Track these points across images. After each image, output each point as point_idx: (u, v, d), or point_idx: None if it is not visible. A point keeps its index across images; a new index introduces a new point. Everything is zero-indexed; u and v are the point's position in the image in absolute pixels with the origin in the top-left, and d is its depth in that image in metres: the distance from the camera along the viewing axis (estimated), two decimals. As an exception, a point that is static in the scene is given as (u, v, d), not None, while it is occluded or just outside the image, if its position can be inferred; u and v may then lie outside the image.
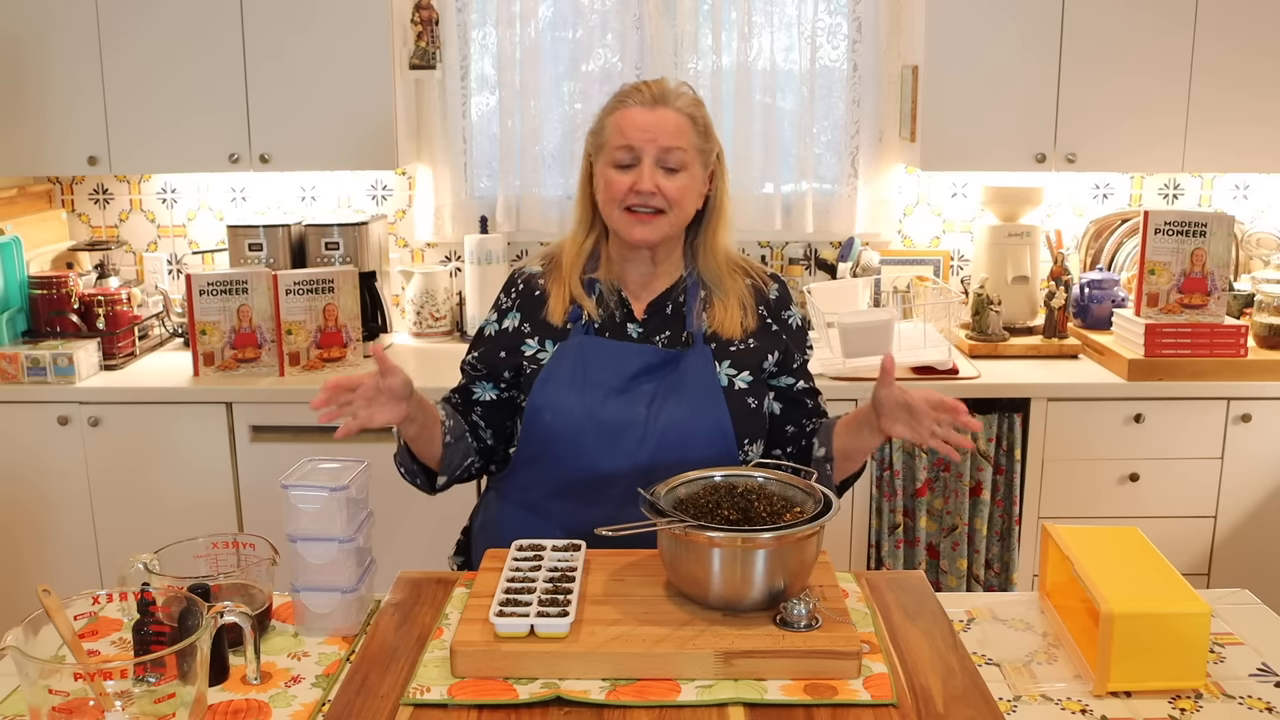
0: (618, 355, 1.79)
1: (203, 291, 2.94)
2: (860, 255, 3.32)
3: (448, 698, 1.34)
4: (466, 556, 1.97)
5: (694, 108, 1.80)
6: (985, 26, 3.05)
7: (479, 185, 3.50)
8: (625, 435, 1.75)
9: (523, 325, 1.85)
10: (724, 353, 1.82)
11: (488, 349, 1.86)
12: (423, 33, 3.26)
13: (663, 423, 1.76)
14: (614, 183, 1.77)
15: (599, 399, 1.76)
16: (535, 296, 1.87)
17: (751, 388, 1.82)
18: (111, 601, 1.53)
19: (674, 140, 1.75)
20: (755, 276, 1.90)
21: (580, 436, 1.76)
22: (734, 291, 1.85)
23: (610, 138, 1.78)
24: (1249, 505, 2.96)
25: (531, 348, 1.83)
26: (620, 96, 1.81)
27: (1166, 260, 2.90)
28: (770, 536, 1.42)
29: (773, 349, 1.85)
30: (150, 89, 3.08)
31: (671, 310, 1.85)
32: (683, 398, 1.77)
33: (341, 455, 1.61)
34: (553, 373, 1.79)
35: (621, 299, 1.85)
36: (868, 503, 2.98)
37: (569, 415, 1.76)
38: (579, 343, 1.80)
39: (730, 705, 1.33)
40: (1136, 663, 1.38)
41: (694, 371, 1.78)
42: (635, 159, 1.75)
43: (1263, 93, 3.05)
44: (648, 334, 1.83)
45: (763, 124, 3.36)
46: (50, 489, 2.95)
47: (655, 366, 1.79)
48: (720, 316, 1.83)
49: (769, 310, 1.89)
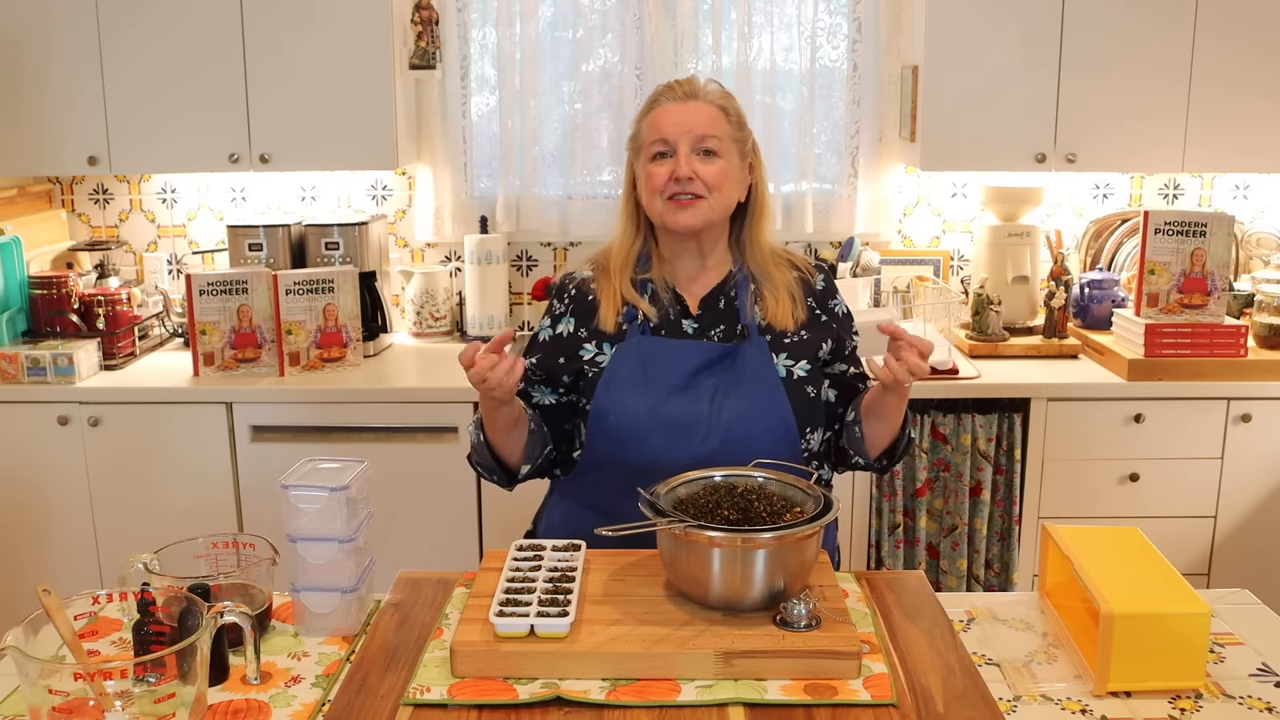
0: (677, 353, 1.81)
1: (203, 291, 2.94)
2: (860, 255, 3.32)
3: (448, 698, 1.34)
4: None
5: (725, 99, 1.84)
6: (985, 27, 3.05)
7: (479, 185, 3.50)
8: (691, 432, 1.77)
9: (578, 330, 1.87)
10: (779, 344, 1.83)
11: (545, 354, 1.88)
12: (423, 33, 3.26)
13: (726, 417, 1.77)
14: (653, 175, 1.80)
15: (662, 397, 1.78)
16: (589, 301, 1.88)
17: (810, 376, 1.83)
18: (111, 601, 1.53)
19: (707, 129, 1.79)
20: (801, 269, 1.93)
21: (646, 436, 1.77)
22: (783, 283, 1.87)
23: (646, 135, 1.82)
24: (1249, 505, 2.96)
25: (589, 351, 1.84)
26: (653, 98, 1.85)
27: (1166, 260, 2.90)
28: (770, 536, 1.42)
29: (825, 338, 1.87)
30: (150, 89, 3.08)
31: (724, 305, 1.86)
32: (744, 391, 1.79)
33: (341, 455, 1.61)
34: (614, 375, 1.80)
35: (676, 295, 1.87)
36: (868, 503, 2.98)
37: (634, 416, 1.78)
38: (637, 343, 1.82)
39: (730, 705, 1.33)
40: (1136, 663, 1.38)
41: (753, 364, 1.80)
42: (671, 150, 1.79)
43: (1263, 93, 3.05)
44: (703, 329, 1.85)
45: (763, 124, 3.36)
46: (50, 489, 2.95)
47: (714, 361, 1.81)
48: (772, 308, 1.85)
49: (817, 301, 1.91)
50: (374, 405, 2.91)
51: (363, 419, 2.91)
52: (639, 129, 1.85)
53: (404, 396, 2.92)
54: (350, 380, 2.99)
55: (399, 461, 2.92)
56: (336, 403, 2.91)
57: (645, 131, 1.83)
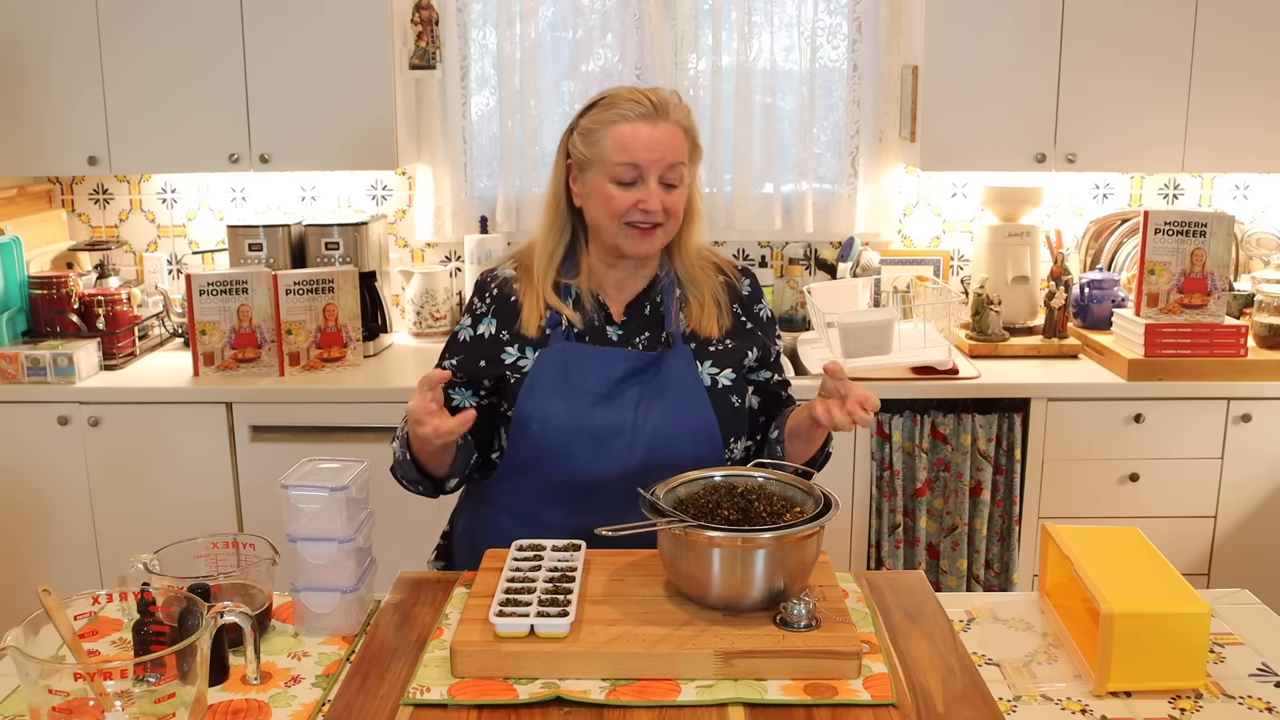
0: (601, 360, 1.79)
1: (203, 291, 2.94)
2: (860, 255, 3.32)
3: (448, 698, 1.34)
4: (448, 560, 1.97)
5: (688, 119, 1.79)
6: (985, 26, 3.05)
7: (479, 185, 3.50)
8: (615, 441, 1.75)
9: (500, 332, 1.83)
10: (704, 353, 1.82)
11: (466, 357, 1.85)
12: (423, 33, 3.26)
13: (650, 426, 1.76)
14: (615, 198, 1.74)
15: (586, 406, 1.76)
16: (511, 303, 1.84)
17: (734, 385, 1.82)
18: (111, 601, 1.53)
19: (677, 156, 1.75)
20: (728, 273, 1.91)
21: (570, 445, 1.75)
22: (708, 289, 1.85)
23: (611, 153, 1.73)
24: (1249, 505, 2.96)
25: (512, 355, 1.81)
26: (615, 106, 1.75)
27: (1166, 260, 2.90)
28: (770, 536, 1.42)
29: (751, 346, 1.87)
30: (150, 89, 3.08)
31: (649, 311, 1.85)
32: (668, 400, 1.77)
33: (341, 455, 1.61)
34: (537, 381, 1.78)
35: (599, 302, 1.84)
36: (868, 503, 2.98)
37: (557, 424, 1.75)
38: (561, 349, 1.79)
39: (730, 705, 1.33)
40: (1136, 663, 1.38)
41: (677, 373, 1.79)
42: (639, 176, 1.73)
43: (1263, 93, 3.05)
44: (628, 336, 1.83)
45: (763, 124, 3.36)
46: (50, 489, 2.95)
47: (639, 370, 1.79)
48: (697, 315, 1.83)
49: (743, 307, 1.90)
50: (374, 405, 2.91)
51: (363, 419, 2.91)
52: (598, 137, 1.74)
53: (404, 396, 2.87)
54: (350, 380, 2.98)
55: (399, 461, 2.91)
56: (336, 403, 2.91)
57: (608, 147, 1.73)
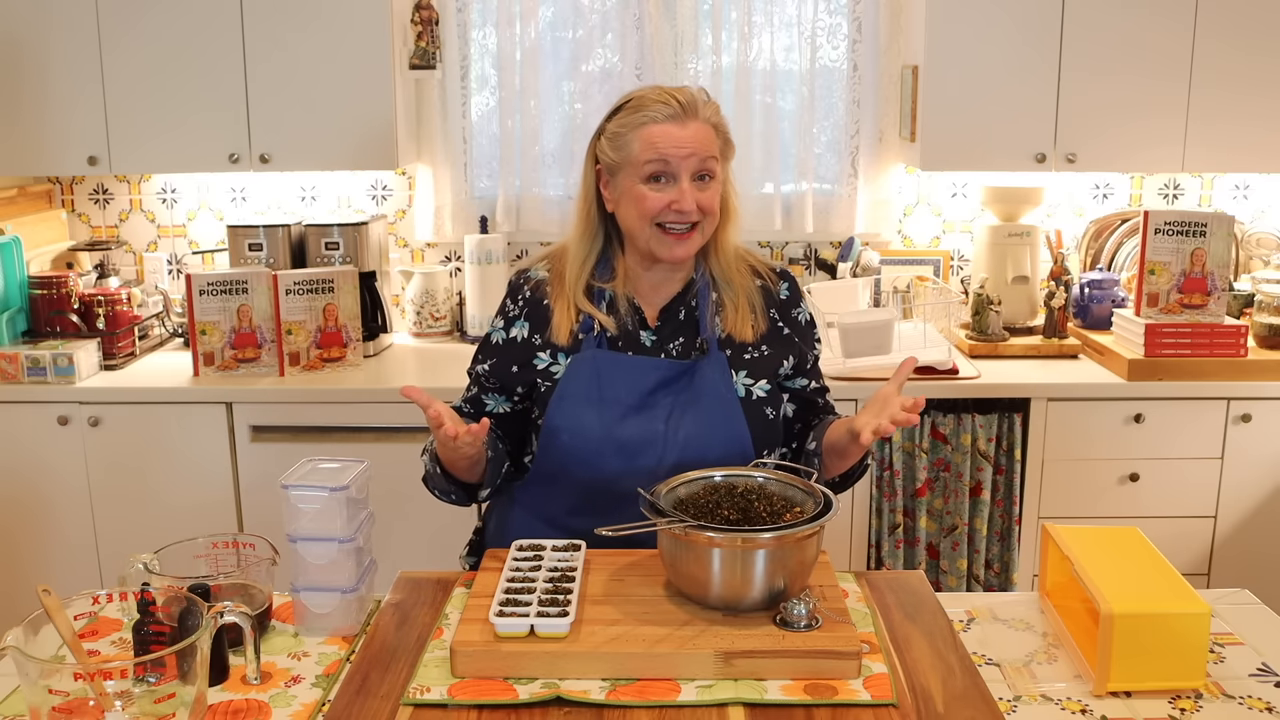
0: (633, 370, 1.76)
1: (203, 291, 2.94)
2: (860, 255, 3.32)
3: (448, 698, 1.34)
4: (479, 557, 1.97)
5: (717, 115, 1.77)
6: (985, 26, 3.05)
7: (479, 185, 3.50)
8: (645, 452, 1.73)
9: (532, 336, 1.82)
10: (740, 361, 1.80)
11: (498, 361, 1.84)
12: (423, 33, 3.26)
13: (682, 436, 1.74)
14: (648, 199, 1.72)
15: (616, 417, 1.74)
16: (543, 307, 1.82)
17: (769, 397, 1.80)
18: (111, 601, 1.53)
19: (708, 152, 1.73)
20: (764, 276, 1.88)
21: (599, 456, 1.74)
22: (744, 291, 1.82)
23: (639, 153, 1.71)
24: (1249, 505, 2.96)
25: (544, 361, 1.80)
26: (643, 109, 1.73)
27: (1166, 260, 2.90)
28: (770, 536, 1.42)
29: (786, 354, 1.84)
30: (150, 89, 3.08)
31: (684, 315, 1.82)
32: (701, 410, 1.75)
33: (341, 455, 1.61)
34: (567, 390, 1.76)
35: (634, 306, 1.82)
36: (868, 503, 2.98)
37: (587, 435, 1.74)
38: (592, 356, 1.76)
39: (730, 705, 1.33)
40: (1136, 663, 1.38)
41: (710, 383, 1.76)
42: (671, 176, 1.71)
43: (1263, 93, 3.05)
44: (661, 341, 1.80)
45: (763, 124, 3.36)
46: (50, 489, 2.95)
47: (671, 379, 1.76)
48: (732, 319, 1.81)
49: (780, 312, 1.87)
50: (374, 405, 2.91)
51: (363, 419, 2.91)
52: (626, 139, 1.73)
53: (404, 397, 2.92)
54: (350, 380, 2.98)
55: (399, 461, 2.90)
56: (336, 403, 2.91)
57: (638, 147, 1.71)
